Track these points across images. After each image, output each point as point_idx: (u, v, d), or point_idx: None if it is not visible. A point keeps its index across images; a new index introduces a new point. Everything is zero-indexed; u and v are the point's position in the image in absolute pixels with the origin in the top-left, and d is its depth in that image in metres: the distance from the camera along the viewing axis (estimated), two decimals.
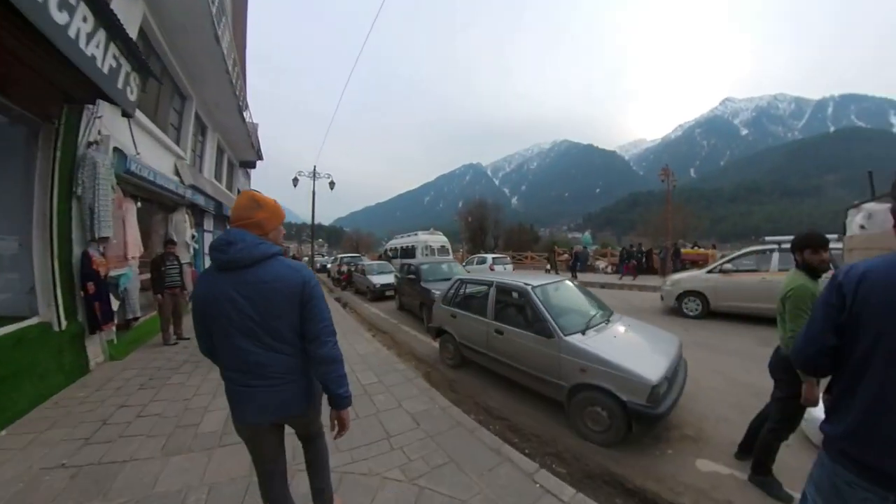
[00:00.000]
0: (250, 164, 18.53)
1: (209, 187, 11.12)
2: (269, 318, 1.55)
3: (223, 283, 1.53)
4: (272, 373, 1.59)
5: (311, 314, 1.61)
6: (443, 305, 5.74)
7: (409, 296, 9.58)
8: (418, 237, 16.50)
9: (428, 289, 8.16)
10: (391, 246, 19.51)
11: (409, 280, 9.29)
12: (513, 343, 4.25)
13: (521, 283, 4.59)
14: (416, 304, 8.89)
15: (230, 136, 14.09)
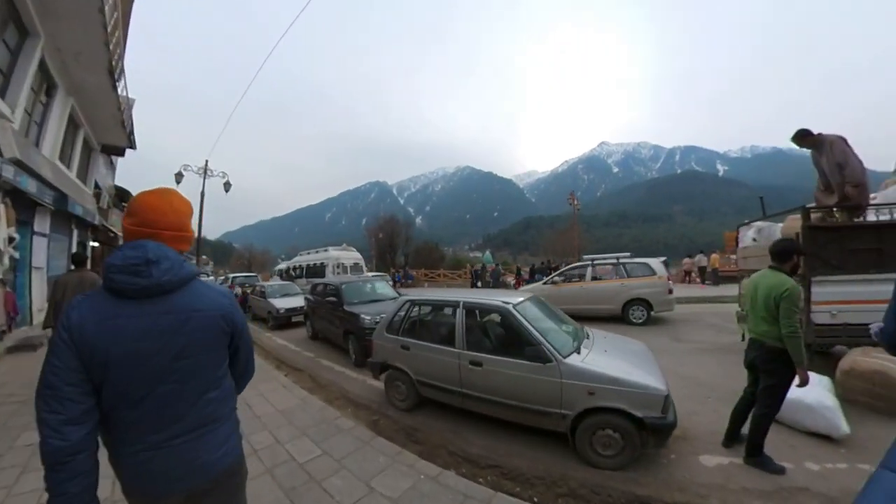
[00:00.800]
0: (117, 150, 15.10)
1: (48, 170, 8.41)
2: (199, 353, 1.24)
3: (135, 316, 1.15)
4: (198, 422, 1.25)
5: (242, 343, 1.43)
6: (388, 335, 4.72)
7: (327, 322, 8.08)
8: (329, 253, 14.76)
9: (355, 313, 6.84)
10: (295, 264, 17.29)
11: (328, 303, 7.79)
12: (497, 375, 3.62)
13: (498, 301, 4.02)
14: (337, 333, 7.45)
15: (92, 108, 11.13)
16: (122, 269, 1.14)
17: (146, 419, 1.17)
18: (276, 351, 8.19)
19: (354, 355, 6.67)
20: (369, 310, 6.88)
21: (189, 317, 1.22)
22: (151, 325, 1.16)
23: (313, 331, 9.06)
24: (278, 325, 10.84)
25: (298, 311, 10.90)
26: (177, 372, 1.20)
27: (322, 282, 9.10)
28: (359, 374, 6.22)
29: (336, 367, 6.69)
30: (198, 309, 1.25)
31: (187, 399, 1.23)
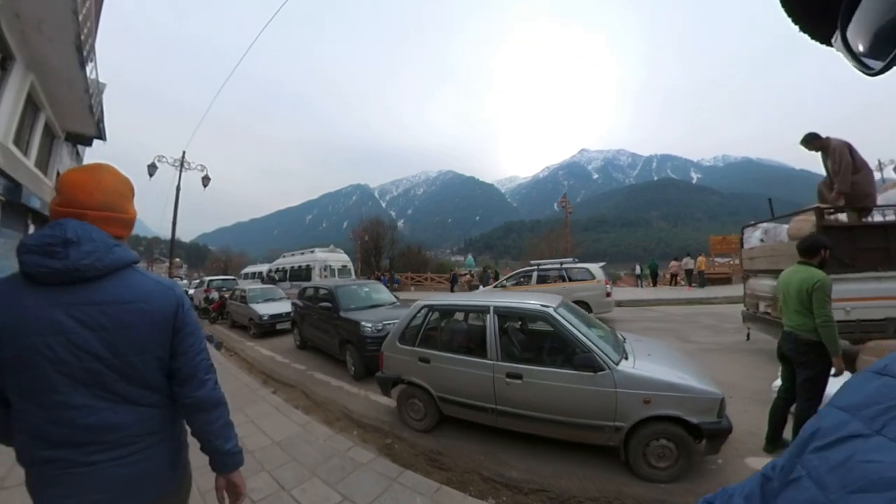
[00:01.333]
0: (84, 139, 13.78)
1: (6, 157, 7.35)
2: (129, 354, 1.03)
3: (46, 306, 0.96)
4: (124, 438, 1.03)
5: (186, 345, 1.14)
6: (401, 346, 4.13)
7: (319, 330, 7.27)
8: (315, 255, 13.84)
9: (353, 320, 6.08)
10: (277, 266, 16.24)
11: (321, 310, 6.97)
12: (540, 388, 3.23)
13: (535, 304, 3.62)
14: (332, 343, 6.66)
15: (56, 88, 9.89)
16: (35, 249, 0.96)
17: (60, 430, 0.98)
18: (262, 363, 7.33)
19: (354, 367, 5.92)
20: (369, 317, 6.14)
21: (116, 310, 1.03)
22: (64, 318, 0.97)
23: (302, 340, 8.21)
24: (262, 334, 9.91)
25: (284, 317, 10.01)
26: (93, 374, 1.00)
27: (312, 285, 8.27)
28: (359, 389, 5.49)
29: (332, 382, 5.91)
30: (128, 301, 1.05)
31: (108, 407, 1.03)
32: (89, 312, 0.99)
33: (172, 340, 1.13)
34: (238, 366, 7.09)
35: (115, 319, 1.02)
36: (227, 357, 7.90)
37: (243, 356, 8.04)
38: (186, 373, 1.15)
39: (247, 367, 7.12)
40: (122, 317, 1.03)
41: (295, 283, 14.22)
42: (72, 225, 0.98)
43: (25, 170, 8.99)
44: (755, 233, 6.87)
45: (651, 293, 17.90)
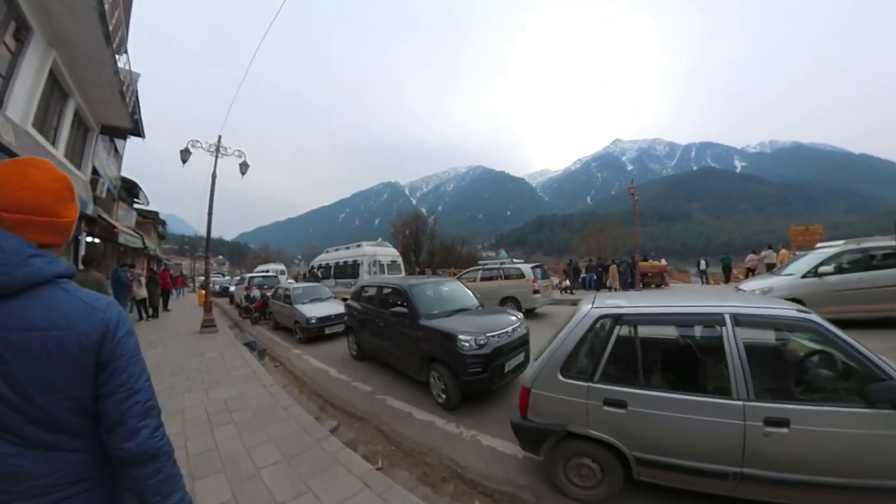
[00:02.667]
0: (120, 132, 13.08)
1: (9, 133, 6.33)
2: (39, 392, 0.85)
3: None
4: (38, 488, 0.87)
5: (115, 384, 0.93)
6: (566, 379, 2.74)
7: (387, 341, 5.82)
8: (363, 249, 12.53)
9: (444, 332, 4.54)
10: (320, 262, 15.08)
11: (393, 316, 5.45)
12: (822, 438, 2.11)
13: (788, 311, 2.47)
14: (408, 360, 5.18)
15: (82, 69, 9.06)
16: None
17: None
18: (314, 380, 5.94)
19: (445, 395, 4.40)
20: (463, 326, 4.58)
21: (21, 338, 0.84)
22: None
23: (360, 350, 6.79)
24: (309, 339, 8.62)
25: (334, 321, 8.68)
26: (1, 416, 0.83)
27: (374, 284, 6.80)
28: (458, 425, 4.00)
29: (416, 413, 4.41)
30: (39, 327, 0.85)
31: (26, 454, 0.86)
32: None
33: (98, 377, 0.93)
34: (284, 382, 5.79)
35: (19, 349, 0.83)
36: (272, 370, 6.62)
37: (290, 368, 6.72)
38: (113, 419, 0.93)
39: (295, 385, 5.80)
40: (27, 346, 0.84)
41: (340, 280, 13.01)
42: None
43: (48, 157, 8.04)
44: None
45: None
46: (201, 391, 4.77)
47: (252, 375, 5.46)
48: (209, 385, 5.04)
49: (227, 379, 5.30)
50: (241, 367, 5.97)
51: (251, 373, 5.60)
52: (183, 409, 4.15)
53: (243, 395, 4.61)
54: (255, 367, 5.94)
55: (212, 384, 5.08)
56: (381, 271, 12.41)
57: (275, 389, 4.85)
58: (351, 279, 12.46)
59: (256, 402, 4.39)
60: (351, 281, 12.38)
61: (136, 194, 21.52)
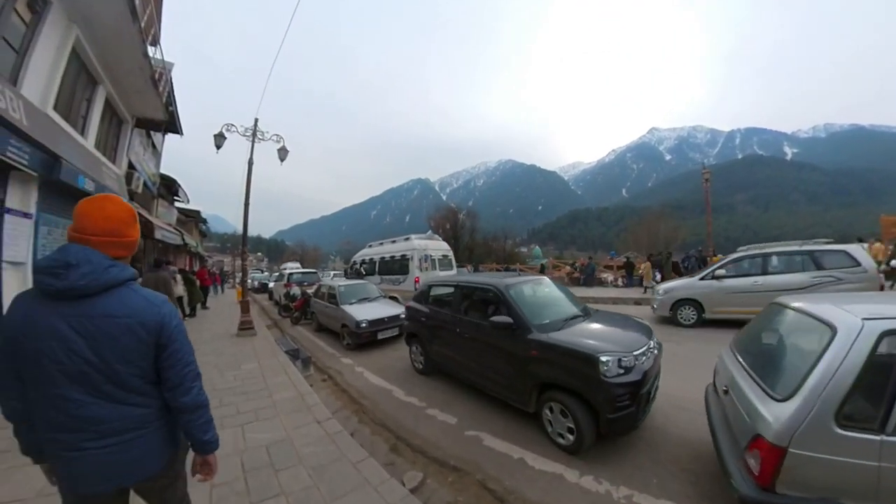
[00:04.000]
0: (155, 125, 12.46)
1: (23, 115, 5.40)
2: (113, 361, 1.25)
3: (50, 316, 1.20)
4: (115, 429, 1.26)
5: (172, 360, 1.35)
6: (843, 430, 1.76)
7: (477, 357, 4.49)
8: (412, 243, 11.25)
9: (583, 352, 3.20)
10: (363, 257, 13.94)
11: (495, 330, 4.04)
12: None
13: None
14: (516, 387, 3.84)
15: (110, 54, 8.30)
16: (43, 270, 1.20)
17: (52, 414, 1.21)
18: (376, 405, 4.67)
19: (575, 435, 3.15)
20: (598, 342, 3.29)
21: (105, 323, 1.23)
22: (63, 327, 1.19)
23: (428, 362, 5.51)
24: (359, 345, 7.41)
25: (388, 324, 7.47)
26: (84, 375, 1.21)
27: (450, 282, 5.44)
28: (598, 479, 2.80)
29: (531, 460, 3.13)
30: (113, 315, 1.24)
31: (98, 403, 1.23)
32: (83, 323, 1.21)
33: (161, 354, 1.33)
34: (338, 405, 4.54)
35: (103, 331, 1.23)
36: (320, 385, 5.41)
37: (342, 384, 5.50)
38: (174, 382, 1.36)
39: (351, 408, 4.55)
40: (109, 329, 1.23)
41: (386, 277, 11.80)
42: (74, 250, 1.22)
43: (72, 143, 7.16)
44: None
45: None
46: (235, 428, 3.57)
47: (300, 402, 4.23)
48: (246, 416, 3.84)
49: (268, 407, 4.09)
50: (284, 386, 4.77)
51: (298, 397, 4.37)
52: None
53: (292, 437, 3.36)
54: (303, 388, 4.71)
55: (249, 415, 3.88)
56: (432, 267, 11.13)
57: (334, 428, 3.57)
58: (399, 275, 11.25)
59: (311, 451, 3.11)
60: (399, 277, 11.18)
61: (175, 192, 21.26)
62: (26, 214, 5.85)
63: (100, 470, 1.24)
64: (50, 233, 6.75)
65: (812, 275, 6.94)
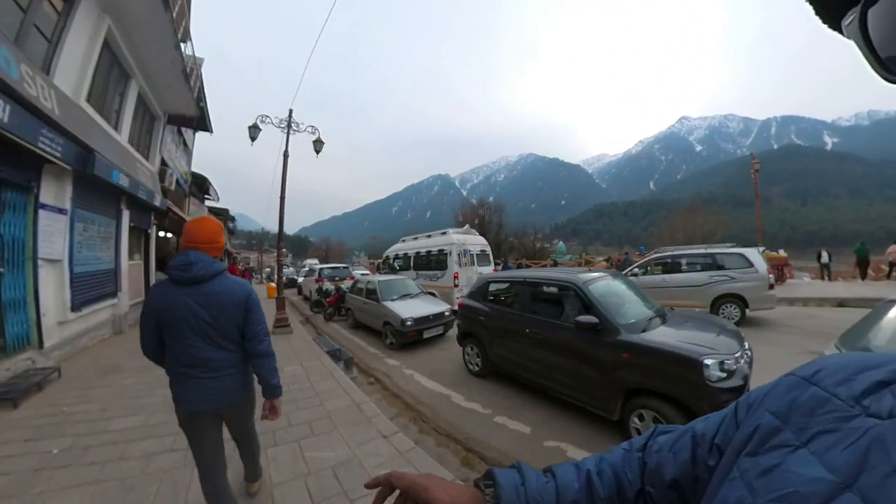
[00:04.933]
0: (187, 121, 12.37)
1: (54, 104, 5.13)
2: (221, 321, 1.91)
3: (180, 295, 1.85)
4: (218, 365, 1.93)
5: (251, 318, 2.00)
6: None
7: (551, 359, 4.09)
8: (450, 237, 10.72)
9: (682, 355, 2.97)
10: (396, 252, 13.51)
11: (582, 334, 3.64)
12: None
13: None
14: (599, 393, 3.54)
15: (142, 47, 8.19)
16: (176, 267, 1.87)
17: (183, 359, 1.88)
18: (436, 412, 4.22)
19: None
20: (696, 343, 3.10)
21: (214, 297, 1.90)
22: (190, 301, 1.85)
23: (485, 363, 5.04)
24: (403, 344, 6.96)
25: (433, 321, 7.01)
26: (204, 330, 1.88)
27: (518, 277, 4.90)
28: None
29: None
30: (219, 293, 1.91)
31: (210, 349, 1.91)
32: (201, 298, 1.87)
33: (245, 316, 1.98)
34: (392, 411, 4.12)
35: (213, 302, 1.89)
36: (368, 389, 4.97)
37: (394, 390, 5.03)
38: (252, 335, 2.00)
39: (409, 417, 4.10)
40: (217, 301, 1.90)
41: (422, 272, 11.32)
42: (192, 254, 1.89)
43: (105, 137, 6.96)
44: None
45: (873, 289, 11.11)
46: (291, 444, 3.12)
47: (356, 413, 3.76)
48: (300, 430, 3.40)
49: (322, 419, 3.64)
50: (335, 394, 4.33)
51: (353, 407, 3.91)
52: (271, 493, 2.49)
53: (359, 456, 2.89)
54: (356, 395, 4.24)
55: (303, 428, 3.44)
56: (470, 262, 10.57)
57: (404, 445, 3.07)
58: (436, 271, 10.73)
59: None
60: (437, 273, 10.67)
61: (206, 190, 21.42)
62: (61, 210, 5.61)
63: (205, 394, 1.87)
64: (86, 229, 6.54)
65: (710, 274, 7.89)
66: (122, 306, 7.70)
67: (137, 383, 4.60)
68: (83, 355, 5.91)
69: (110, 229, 7.55)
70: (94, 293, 6.73)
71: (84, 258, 6.39)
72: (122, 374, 4.95)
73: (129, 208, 8.19)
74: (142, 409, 3.85)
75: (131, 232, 8.62)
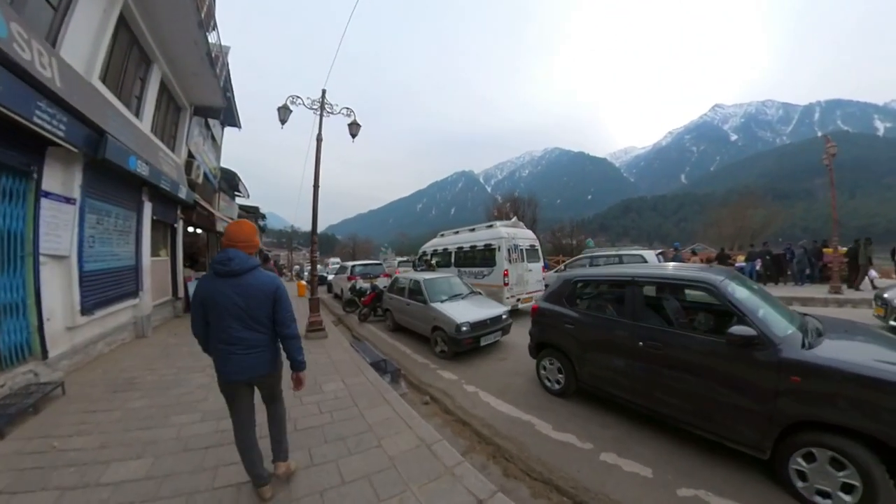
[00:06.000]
0: (213, 112, 11.77)
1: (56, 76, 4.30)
2: (253, 308, 2.25)
3: (221, 286, 2.22)
4: (251, 344, 2.27)
5: (280, 307, 2.34)
6: None
7: (685, 379, 3.15)
8: (497, 231, 9.59)
9: (871, 376, 2.31)
10: (435, 248, 12.44)
11: (730, 344, 2.75)
12: None
13: None
14: (750, 424, 2.69)
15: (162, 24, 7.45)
16: (218, 262, 2.23)
17: (224, 338, 2.23)
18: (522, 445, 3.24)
19: (872, 489, 2.11)
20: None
21: (249, 288, 2.24)
22: (229, 291, 2.21)
23: (568, 380, 4.01)
24: (455, 353, 5.94)
25: (491, 326, 5.99)
26: (240, 315, 2.23)
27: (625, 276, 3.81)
28: None
29: None
30: (253, 285, 2.25)
31: (245, 331, 2.25)
32: (238, 289, 2.22)
33: (275, 305, 2.32)
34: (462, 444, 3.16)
35: (248, 293, 2.23)
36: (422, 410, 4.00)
37: (459, 414, 4.02)
38: (281, 321, 2.34)
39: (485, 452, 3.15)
40: (251, 291, 2.24)
41: (466, 269, 10.25)
42: (231, 251, 2.25)
43: (122, 121, 6.20)
44: None
45: None
46: None
47: (429, 459, 2.76)
48: (359, 490, 2.43)
49: (384, 470, 2.66)
50: (392, 425, 3.34)
51: (422, 448, 2.91)
52: None
53: None
54: (423, 431, 3.21)
55: (362, 487, 2.46)
56: (520, 259, 9.44)
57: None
58: (482, 268, 9.64)
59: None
60: (483, 270, 9.58)
61: (236, 186, 21.06)
62: (68, 199, 4.84)
63: (240, 367, 2.25)
64: (99, 222, 5.79)
65: None
66: (144, 307, 6.99)
67: (149, 406, 3.76)
68: (97, 364, 5.15)
69: (130, 222, 6.83)
70: (111, 293, 6.00)
71: (98, 254, 5.65)
72: (134, 392, 4.12)
73: (151, 200, 7.49)
74: (148, 448, 2.97)
75: (155, 226, 7.94)
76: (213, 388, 4.21)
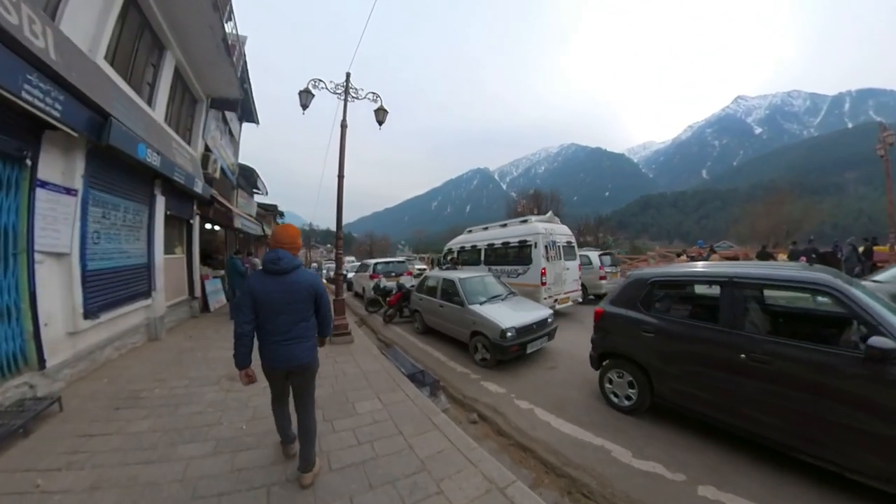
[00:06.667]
0: (230, 105, 11.35)
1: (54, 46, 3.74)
2: (298, 303, 2.52)
3: (271, 282, 2.47)
4: (294, 335, 2.51)
5: (321, 303, 2.66)
6: None
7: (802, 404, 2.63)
8: (533, 226, 8.81)
9: None
10: (462, 244, 11.66)
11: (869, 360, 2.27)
12: None
13: None
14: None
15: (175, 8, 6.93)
16: (269, 261, 2.49)
17: (271, 329, 2.48)
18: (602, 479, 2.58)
19: None
20: None
21: (294, 285, 2.51)
22: (277, 287, 2.46)
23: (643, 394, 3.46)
24: (499, 361, 5.26)
25: (537, 331, 5.30)
26: (287, 310, 2.49)
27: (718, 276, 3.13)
28: None
29: None
30: (298, 282, 2.52)
31: (290, 324, 2.50)
32: (285, 286, 2.48)
33: (316, 301, 2.63)
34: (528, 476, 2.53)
35: (294, 289, 2.50)
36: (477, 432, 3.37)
37: (517, 437, 3.35)
38: (322, 313, 2.70)
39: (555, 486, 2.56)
40: (295, 288, 2.51)
41: (499, 268, 9.50)
42: (280, 252, 2.51)
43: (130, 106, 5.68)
44: None
45: None
46: None
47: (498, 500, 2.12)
48: None
49: None
50: (448, 459, 2.70)
51: (495, 493, 2.26)
52: None
53: None
54: (491, 468, 2.54)
55: None
56: (557, 256, 8.67)
57: None
58: (516, 266, 8.90)
59: None
60: (517, 269, 8.84)
61: (254, 183, 20.76)
62: (69, 190, 4.31)
63: (284, 356, 2.49)
64: (106, 216, 5.26)
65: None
66: (157, 308, 6.50)
67: (154, 430, 3.17)
68: (103, 372, 4.63)
69: (141, 217, 6.33)
70: (119, 294, 5.49)
71: (104, 251, 5.14)
72: (139, 411, 3.55)
73: (164, 194, 7.00)
74: (147, 492, 2.37)
75: (169, 222, 7.45)
76: (228, 408, 3.65)
